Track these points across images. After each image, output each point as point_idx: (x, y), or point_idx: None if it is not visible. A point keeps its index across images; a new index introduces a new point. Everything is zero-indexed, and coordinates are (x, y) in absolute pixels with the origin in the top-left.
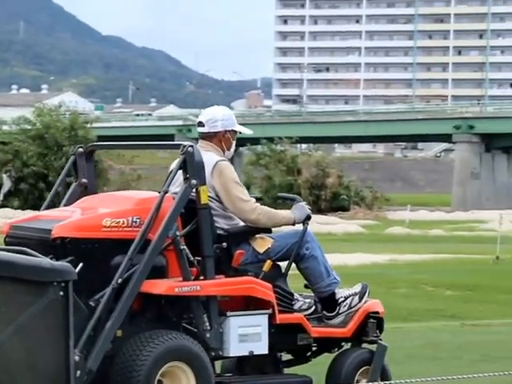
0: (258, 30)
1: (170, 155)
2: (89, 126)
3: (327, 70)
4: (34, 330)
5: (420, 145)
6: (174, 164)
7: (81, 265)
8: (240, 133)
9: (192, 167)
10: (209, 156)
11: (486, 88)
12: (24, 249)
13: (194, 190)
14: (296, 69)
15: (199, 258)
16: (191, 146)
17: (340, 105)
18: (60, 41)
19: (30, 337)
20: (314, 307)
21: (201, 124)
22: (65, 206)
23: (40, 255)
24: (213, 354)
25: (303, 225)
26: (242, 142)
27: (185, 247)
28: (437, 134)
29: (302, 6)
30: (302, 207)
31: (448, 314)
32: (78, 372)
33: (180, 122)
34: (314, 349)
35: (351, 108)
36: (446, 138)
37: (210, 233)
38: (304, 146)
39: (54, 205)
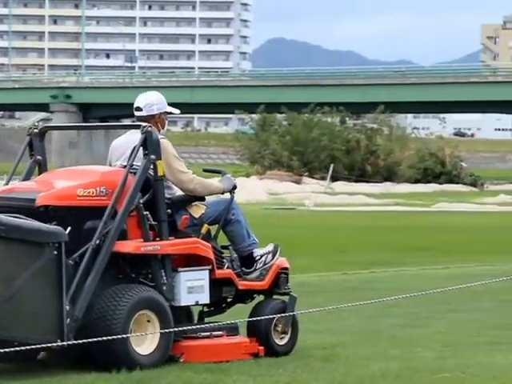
0: None
1: None
2: None
3: None
4: (34, 284)
5: (17, 114)
6: (119, 141)
7: (69, 229)
8: (171, 113)
9: (151, 145)
10: None
11: (82, 58)
12: (20, 215)
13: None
14: None
15: (155, 223)
16: (150, 127)
17: None
18: None
19: (31, 290)
20: (227, 264)
21: (139, 109)
22: (24, 180)
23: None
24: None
25: (230, 193)
26: None
27: (147, 212)
28: (34, 103)
29: None
30: (229, 179)
31: None
32: (68, 319)
33: None
34: (228, 300)
35: None
36: (43, 107)
37: (164, 201)
38: None
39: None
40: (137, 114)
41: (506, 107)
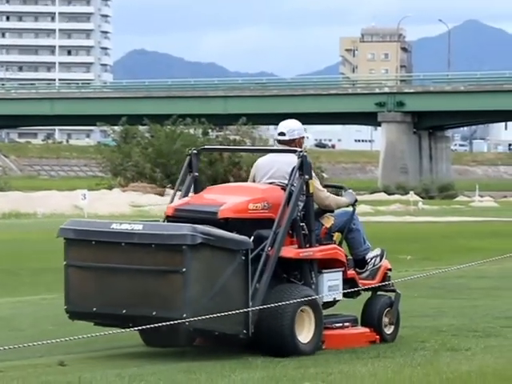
0: None
1: None
2: None
3: None
4: (228, 284)
5: None
6: (263, 161)
7: (252, 238)
8: (308, 137)
9: (306, 167)
10: (291, 157)
11: None
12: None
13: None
14: None
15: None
16: (306, 152)
17: None
18: None
19: (226, 289)
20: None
21: (282, 134)
22: (184, 195)
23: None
24: None
25: (352, 206)
26: None
27: (303, 224)
28: None
29: None
30: (351, 194)
31: None
32: (251, 313)
33: None
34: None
35: None
36: None
37: (314, 214)
38: None
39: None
40: (280, 138)
41: (365, 119)
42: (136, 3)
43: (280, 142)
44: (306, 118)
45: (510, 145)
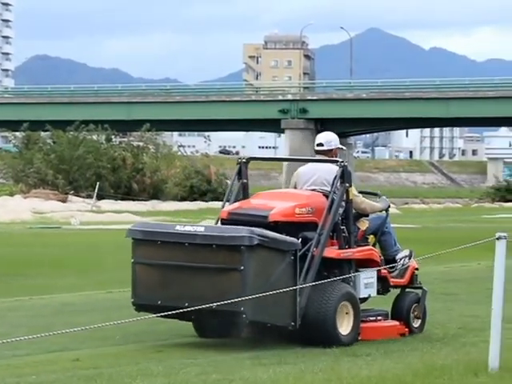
0: None
1: None
2: None
3: None
4: (279, 281)
5: None
6: (304, 169)
7: (300, 239)
8: (342, 149)
9: (347, 175)
10: (330, 166)
11: None
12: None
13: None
14: None
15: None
16: (346, 162)
17: None
18: None
19: (278, 285)
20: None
21: (321, 144)
22: (235, 200)
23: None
24: None
25: (386, 211)
26: None
27: (344, 227)
28: None
29: None
30: (385, 200)
31: None
32: (298, 307)
33: None
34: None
35: None
36: None
37: (353, 218)
38: None
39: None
40: (318, 148)
41: (269, 125)
42: (38, 8)
43: (318, 152)
44: (210, 125)
45: (410, 152)
